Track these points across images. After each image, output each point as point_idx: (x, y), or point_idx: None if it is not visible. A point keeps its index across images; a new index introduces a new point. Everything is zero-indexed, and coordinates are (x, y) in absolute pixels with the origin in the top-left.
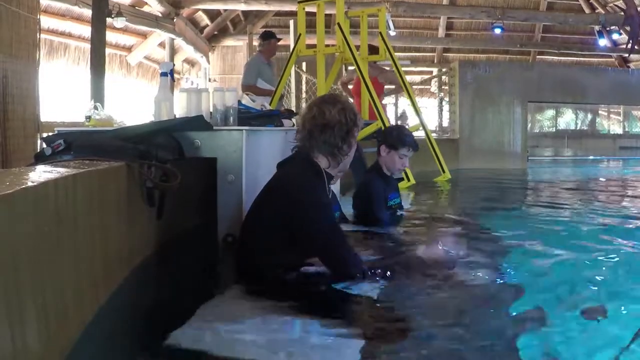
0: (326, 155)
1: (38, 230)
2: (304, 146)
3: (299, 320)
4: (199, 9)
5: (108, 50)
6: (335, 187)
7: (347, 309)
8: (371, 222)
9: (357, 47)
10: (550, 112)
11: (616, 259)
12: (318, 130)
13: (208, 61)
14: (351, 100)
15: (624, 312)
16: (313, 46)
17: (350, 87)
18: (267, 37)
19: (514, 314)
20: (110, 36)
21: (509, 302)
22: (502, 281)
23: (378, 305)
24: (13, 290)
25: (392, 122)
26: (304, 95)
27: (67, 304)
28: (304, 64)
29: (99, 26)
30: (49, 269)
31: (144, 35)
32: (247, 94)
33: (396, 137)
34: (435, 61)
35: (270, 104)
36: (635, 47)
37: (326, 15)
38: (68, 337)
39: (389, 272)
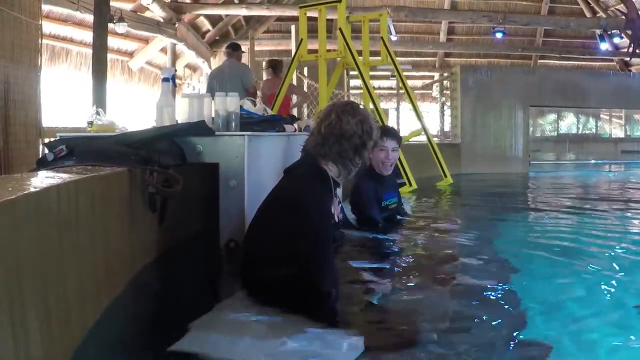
0: (337, 164)
1: (40, 235)
2: (314, 151)
3: (300, 326)
4: (200, 15)
5: (110, 56)
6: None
7: (348, 315)
8: (366, 223)
9: (359, 52)
10: (552, 117)
11: (622, 266)
12: (333, 139)
13: (210, 66)
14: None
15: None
16: (315, 51)
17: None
18: (238, 48)
19: (515, 317)
20: (112, 41)
21: (510, 306)
22: (503, 286)
23: (379, 310)
24: (16, 294)
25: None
26: None
27: (69, 308)
28: (305, 68)
29: (100, 31)
30: (52, 274)
31: (146, 41)
32: (249, 99)
33: None
34: (436, 66)
35: (272, 110)
36: (637, 51)
37: (327, 20)
38: (70, 342)
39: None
